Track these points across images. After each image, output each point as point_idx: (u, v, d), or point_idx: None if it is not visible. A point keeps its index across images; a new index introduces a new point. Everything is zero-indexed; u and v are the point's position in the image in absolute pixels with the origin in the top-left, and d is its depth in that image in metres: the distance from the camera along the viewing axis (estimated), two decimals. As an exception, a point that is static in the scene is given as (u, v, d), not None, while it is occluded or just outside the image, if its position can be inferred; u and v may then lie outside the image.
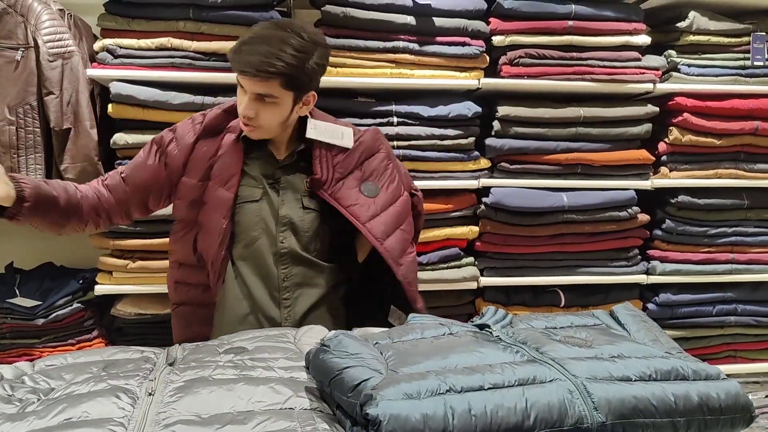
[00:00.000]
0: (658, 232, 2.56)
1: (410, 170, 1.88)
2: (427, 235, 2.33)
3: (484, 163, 2.41)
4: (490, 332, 1.09)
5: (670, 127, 2.49)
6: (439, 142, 2.33)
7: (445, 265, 2.40)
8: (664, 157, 2.51)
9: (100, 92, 2.28)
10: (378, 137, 1.76)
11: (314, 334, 1.25)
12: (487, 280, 2.43)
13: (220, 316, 1.68)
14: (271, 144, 1.67)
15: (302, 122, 1.67)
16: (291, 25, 1.56)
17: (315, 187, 1.63)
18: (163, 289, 2.24)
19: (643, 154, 2.47)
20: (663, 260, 2.54)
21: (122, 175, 1.67)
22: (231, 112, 1.67)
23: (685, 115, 2.45)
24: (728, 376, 0.98)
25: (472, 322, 1.17)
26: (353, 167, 1.69)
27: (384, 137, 1.79)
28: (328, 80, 2.14)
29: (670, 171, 2.51)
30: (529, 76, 2.35)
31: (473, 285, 2.42)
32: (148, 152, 1.67)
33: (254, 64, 1.47)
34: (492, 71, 2.40)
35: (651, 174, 2.52)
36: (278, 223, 1.63)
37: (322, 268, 1.69)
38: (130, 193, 1.66)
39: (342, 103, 2.28)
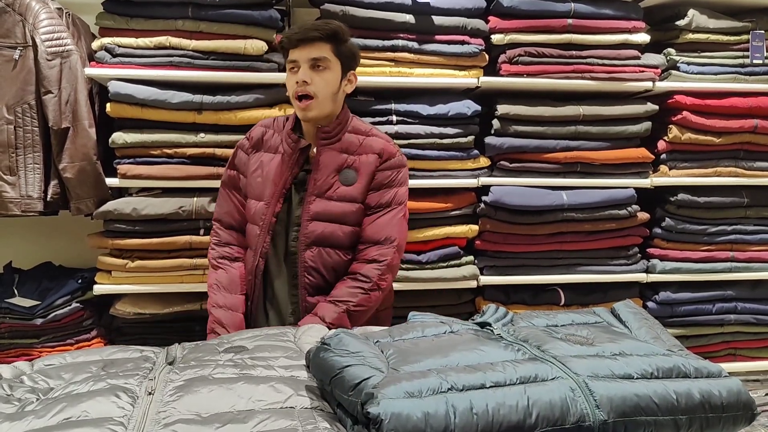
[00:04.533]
0: (658, 231, 2.55)
1: (409, 169, 1.87)
2: (426, 233, 2.34)
3: (484, 161, 2.40)
4: (491, 330, 1.09)
5: (670, 126, 2.48)
6: (438, 140, 2.33)
7: (445, 264, 2.39)
8: (663, 156, 2.51)
9: (99, 91, 2.27)
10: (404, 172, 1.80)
11: (314, 333, 1.25)
12: (486, 279, 2.43)
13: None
14: (312, 141, 1.73)
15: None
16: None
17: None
18: (161, 288, 2.24)
19: (642, 153, 2.47)
20: (663, 258, 2.54)
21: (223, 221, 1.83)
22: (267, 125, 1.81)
23: (685, 113, 2.45)
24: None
25: (473, 320, 1.17)
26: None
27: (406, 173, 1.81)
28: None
29: (670, 169, 2.51)
30: (529, 75, 2.35)
31: (473, 284, 2.42)
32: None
33: (308, 29, 1.64)
34: (491, 70, 2.40)
35: (650, 172, 2.52)
36: (291, 222, 1.72)
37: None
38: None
39: (341, 102, 2.28)
